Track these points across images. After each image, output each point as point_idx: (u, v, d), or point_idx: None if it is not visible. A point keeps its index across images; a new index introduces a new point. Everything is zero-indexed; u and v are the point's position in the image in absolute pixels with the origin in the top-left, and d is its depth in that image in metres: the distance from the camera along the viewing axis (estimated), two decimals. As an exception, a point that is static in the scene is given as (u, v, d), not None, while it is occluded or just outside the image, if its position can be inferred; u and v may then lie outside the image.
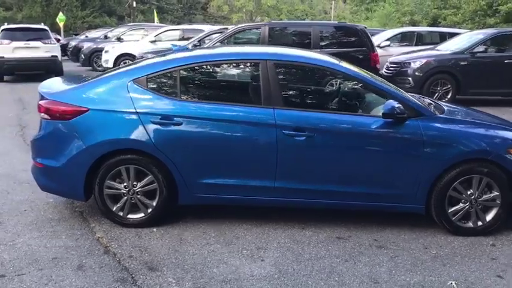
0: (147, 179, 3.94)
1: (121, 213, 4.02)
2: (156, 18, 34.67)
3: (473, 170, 3.91)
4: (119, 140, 3.88)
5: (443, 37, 13.35)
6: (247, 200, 4.06)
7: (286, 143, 3.85)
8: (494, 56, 10.48)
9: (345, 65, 4.19)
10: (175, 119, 3.86)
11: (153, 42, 15.50)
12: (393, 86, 4.23)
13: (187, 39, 15.02)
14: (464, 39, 11.11)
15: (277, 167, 3.90)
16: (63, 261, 3.47)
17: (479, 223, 4.02)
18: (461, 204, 3.98)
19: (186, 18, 55.70)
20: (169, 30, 16.42)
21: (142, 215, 4.02)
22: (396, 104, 3.78)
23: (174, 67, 4.02)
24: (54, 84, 4.40)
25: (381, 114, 3.91)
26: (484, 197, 3.96)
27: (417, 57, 10.88)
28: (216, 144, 3.90)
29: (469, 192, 3.95)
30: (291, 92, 4.29)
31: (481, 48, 10.37)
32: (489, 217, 4.01)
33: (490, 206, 3.99)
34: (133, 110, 3.86)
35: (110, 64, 15.51)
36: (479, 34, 11.03)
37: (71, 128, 3.90)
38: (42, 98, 4.08)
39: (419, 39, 13.67)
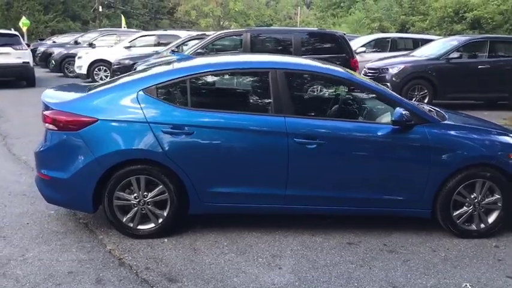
0: (158, 189, 3.91)
1: (131, 225, 3.97)
2: (123, 23, 34.19)
3: (476, 175, 4.05)
4: (129, 151, 3.84)
5: (416, 43, 13.75)
6: (258, 208, 4.09)
7: (298, 151, 3.90)
8: (468, 62, 10.85)
9: (351, 73, 4.28)
10: (186, 128, 3.85)
11: (127, 48, 15.30)
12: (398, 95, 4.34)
13: (163, 44, 14.92)
14: (438, 46, 11.46)
15: (288, 175, 3.94)
16: (79, 275, 3.40)
17: (482, 225, 4.16)
18: (465, 208, 4.12)
19: (152, 23, 55.20)
20: (144, 36, 16.25)
21: (152, 225, 3.98)
22: (404, 111, 3.88)
23: (184, 76, 4.01)
24: (58, 94, 4.31)
25: (386, 121, 4.02)
26: (487, 200, 4.11)
27: (394, 63, 11.15)
28: (227, 152, 3.91)
29: (472, 196, 4.09)
30: (300, 101, 4.33)
31: (456, 54, 10.73)
32: (491, 219, 4.16)
33: (492, 208, 4.15)
34: (144, 120, 3.82)
35: (84, 70, 15.25)
36: (453, 41, 11.41)
37: (80, 139, 3.82)
38: (46, 107, 3.99)
39: (393, 46, 14.01)
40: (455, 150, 4.02)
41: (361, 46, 13.78)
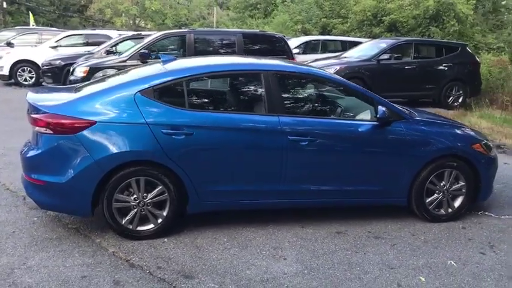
0: (157, 189, 3.95)
1: (130, 226, 3.97)
2: (32, 21, 32.34)
3: (445, 165, 4.54)
4: (130, 152, 3.84)
5: (345, 45, 14.53)
6: (255, 204, 4.27)
7: (291, 148, 4.13)
8: (396, 63, 11.68)
9: (334, 75, 4.59)
10: (185, 129, 3.93)
11: (54, 48, 14.63)
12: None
13: (92, 44, 14.46)
14: (369, 48, 12.23)
15: (282, 171, 4.16)
16: (94, 278, 3.38)
17: (450, 210, 4.66)
18: (435, 195, 4.59)
19: (61, 21, 52.51)
20: (71, 35, 15.59)
21: (152, 226, 4.02)
22: (385, 109, 4.26)
23: (180, 78, 4.08)
24: (46, 96, 4.19)
25: (367, 118, 4.38)
26: (453, 187, 4.61)
27: (330, 64, 11.70)
28: (225, 151, 4.05)
29: (441, 184, 4.56)
30: (291, 100, 4.56)
31: (386, 56, 11.51)
32: (457, 204, 4.67)
33: (457, 195, 4.65)
34: (144, 122, 3.85)
35: (6, 71, 14.31)
36: (382, 43, 12.23)
37: (78, 142, 3.77)
38: (36, 110, 3.88)
39: (323, 47, 14.67)
40: (427, 143, 4.47)
41: (294, 48, 14.28)
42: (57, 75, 12.48)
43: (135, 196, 3.94)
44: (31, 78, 14.29)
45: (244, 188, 4.15)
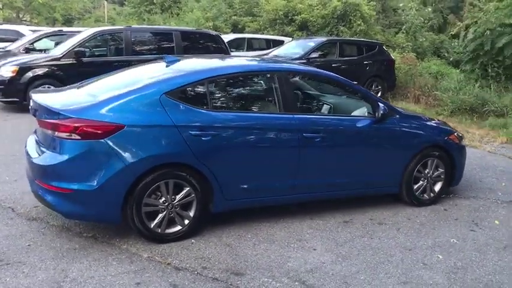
0: (185, 191, 3.96)
1: (158, 230, 3.93)
2: None
3: (429, 154, 5.06)
4: (161, 155, 3.81)
5: (269, 43, 14.99)
6: (274, 200, 4.44)
7: (306, 144, 4.36)
8: (325, 61, 12.32)
9: (336, 75, 4.90)
10: (212, 129, 3.98)
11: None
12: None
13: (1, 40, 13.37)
14: (297, 46, 12.77)
15: (298, 167, 4.38)
16: (150, 284, 3.33)
17: (432, 195, 5.20)
18: (421, 182, 5.10)
19: None
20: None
21: (179, 228, 4.01)
22: (384, 106, 4.66)
23: (203, 79, 4.10)
24: (59, 98, 3.98)
25: (363, 114, 4.76)
26: (435, 174, 5.15)
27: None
28: (248, 150, 4.16)
29: (426, 172, 5.09)
30: (302, 99, 4.76)
31: (315, 54, 12.11)
32: (437, 189, 5.22)
33: (437, 180, 5.21)
34: (172, 124, 3.83)
35: None
36: (309, 42, 12.83)
37: (107, 147, 3.65)
38: (55, 115, 3.68)
39: (249, 45, 14.98)
40: (416, 136, 4.97)
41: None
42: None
43: (163, 199, 3.90)
44: None
45: (265, 185, 4.29)
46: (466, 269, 3.86)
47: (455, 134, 5.33)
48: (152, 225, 3.90)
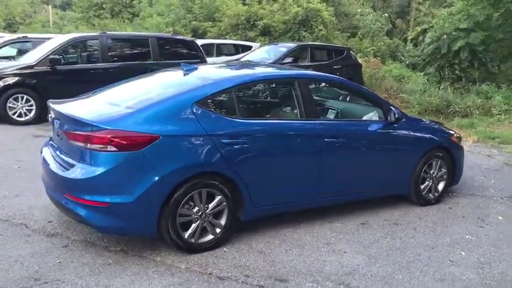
0: (217, 199, 3.94)
1: (192, 240, 3.90)
2: None
3: (434, 155, 5.28)
4: (196, 165, 3.78)
5: (237, 48, 15.05)
6: (299, 205, 4.49)
7: (327, 149, 4.45)
8: (297, 66, 12.46)
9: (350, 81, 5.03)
10: (242, 137, 3.99)
11: None
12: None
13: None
14: (269, 51, 12.91)
15: (322, 172, 4.46)
16: (201, 295, 3.30)
17: (436, 194, 5.42)
18: (427, 182, 5.31)
19: None
20: None
21: (212, 237, 3.98)
22: (397, 110, 4.83)
23: (230, 87, 4.10)
24: (84, 108, 3.87)
25: (375, 118, 4.91)
26: (439, 174, 5.38)
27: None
28: (275, 157, 4.20)
29: (431, 172, 5.30)
30: (320, 105, 4.84)
31: (288, 59, 12.28)
32: (440, 188, 5.45)
33: (440, 180, 5.44)
34: (205, 133, 3.81)
35: None
36: (281, 47, 13.00)
37: (144, 158, 3.58)
38: (85, 126, 3.58)
39: (218, 50, 14.96)
40: (423, 138, 5.18)
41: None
42: None
43: (197, 208, 3.87)
44: None
45: (291, 191, 4.34)
46: (490, 264, 4.05)
47: (455, 135, 5.58)
48: (186, 236, 3.85)
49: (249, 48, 15.18)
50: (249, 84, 4.36)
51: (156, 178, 3.62)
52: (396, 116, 4.77)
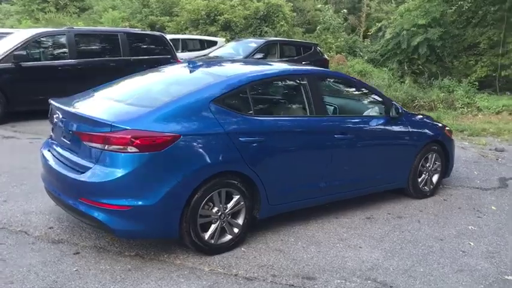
0: (235, 199, 3.86)
1: (212, 241, 3.80)
2: None
3: (430, 149, 5.41)
4: (217, 164, 3.69)
5: (203, 44, 14.86)
6: (311, 202, 4.47)
7: (337, 145, 4.46)
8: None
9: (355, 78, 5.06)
10: (258, 135, 3.92)
11: None
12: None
13: None
14: (237, 47, 12.82)
15: (331, 168, 4.46)
16: (235, 298, 3.22)
17: (431, 186, 5.56)
18: (423, 175, 5.44)
19: None
20: None
21: (230, 237, 3.90)
22: (400, 106, 4.91)
23: (245, 84, 4.01)
24: (104, 108, 3.68)
25: (376, 114, 4.98)
26: (434, 167, 5.52)
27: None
28: (290, 154, 4.16)
29: (427, 165, 5.43)
30: (329, 102, 4.81)
31: (259, 55, 12.23)
32: (434, 181, 5.60)
33: (435, 173, 5.58)
34: (223, 131, 3.72)
35: None
36: (251, 43, 12.93)
37: (165, 159, 3.45)
38: (110, 127, 3.40)
39: (184, 46, 14.70)
40: (420, 132, 5.28)
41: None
42: None
43: (216, 209, 3.78)
44: None
45: (304, 188, 4.32)
46: (499, 252, 4.20)
47: (447, 128, 5.74)
48: (206, 237, 3.75)
49: (214, 43, 15.02)
50: (264, 80, 4.27)
51: (179, 179, 3.50)
52: (400, 111, 4.84)
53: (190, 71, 4.33)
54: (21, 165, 5.90)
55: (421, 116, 5.79)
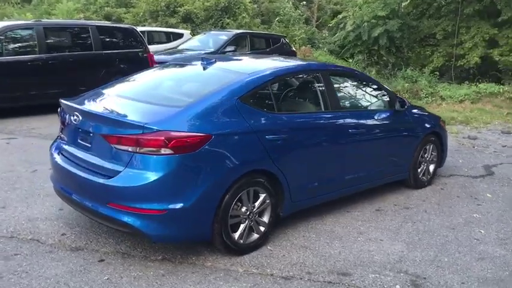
0: (262, 197, 3.82)
1: (241, 241, 3.75)
2: None
3: (428, 140, 5.56)
4: (246, 163, 3.62)
5: (169, 36, 14.53)
6: (329, 196, 4.50)
7: (351, 139, 4.51)
8: (235, 54, 12.35)
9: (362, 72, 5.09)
10: (282, 132, 3.90)
11: None
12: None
13: None
14: (209, 39, 12.64)
15: (347, 162, 4.51)
16: (281, 298, 3.19)
17: (429, 176, 5.73)
18: (422, 166, 5.59)
19: None
20: None
21: (257, 236, 3.86)
22: (405, 99, 5.01)
23: (268, 80, 3.96)
24: (128, 109, 3.52)
25: (382, 108, 5.07)
26: (430, 157, 5.68)
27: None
28: (311, 150, 4.16)
29: (426, 156, 5.59)
30: (341, 97, 4.82)
31: (230, 48, 12.11)
32: (431, 170, 5.77)
33: (431, 163, 5.75)
34: (250, 130, 3.66)
35: None
36: (222, 36, 12.77)
37: (198, 160, 3.36)
38: (142, 129, 3.27)
39: (150, 38, 14.31)
40: (420, 124, 5.42)
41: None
42: None
43: (245, 208, 3.72)
44: None
45: (324, 183, 4.33)
46: (510, 238, 4.38)
47: (441, 119, 5.92)
48: (236, 237, 3.69)
49: (180, 36, 14.73)
50: (285, 76, 4.25)
51: (212, 180, 3.42)
52: (406, 104, 4.94)
53: (205, 68, 4.22)
54: (6, 168, 5.58)
55: (417, 108, 5.93)
